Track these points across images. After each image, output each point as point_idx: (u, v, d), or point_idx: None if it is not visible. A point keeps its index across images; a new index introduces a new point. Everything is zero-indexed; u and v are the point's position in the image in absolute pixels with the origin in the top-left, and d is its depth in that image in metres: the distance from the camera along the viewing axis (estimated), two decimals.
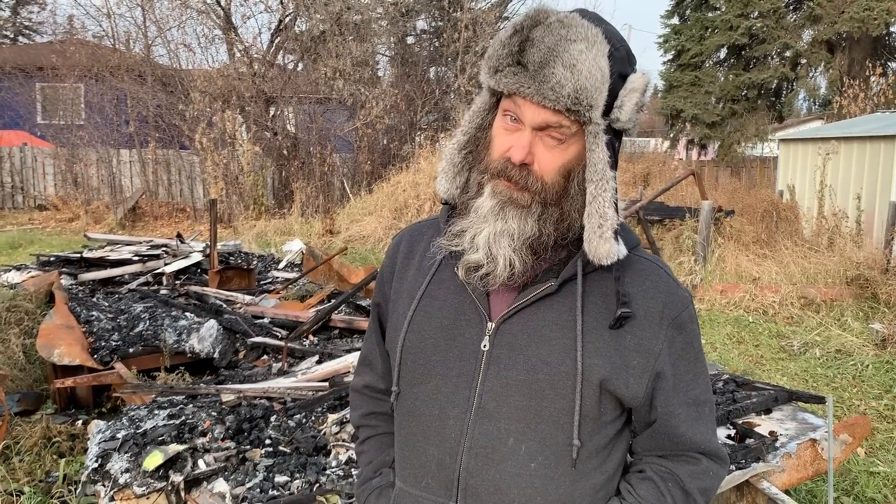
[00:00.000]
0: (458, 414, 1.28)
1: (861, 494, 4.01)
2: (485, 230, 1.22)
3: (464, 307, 1.32)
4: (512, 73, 1.18)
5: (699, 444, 1.32)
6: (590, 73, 1.14)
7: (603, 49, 1.15)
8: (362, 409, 1.59)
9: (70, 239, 13.48)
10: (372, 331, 1.56)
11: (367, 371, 1.59)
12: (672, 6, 24.64)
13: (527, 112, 1.19)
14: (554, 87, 1.14)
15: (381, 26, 18.86)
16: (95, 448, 3.02)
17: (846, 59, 20.24)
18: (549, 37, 1.15)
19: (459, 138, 1.34)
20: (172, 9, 17.90)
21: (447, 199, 1.36)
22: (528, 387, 1.24)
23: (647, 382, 1.26)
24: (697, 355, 1.32)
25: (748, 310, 8.12)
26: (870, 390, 5.74)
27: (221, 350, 4.85)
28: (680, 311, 1.28)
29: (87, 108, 18.68)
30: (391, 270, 1.47)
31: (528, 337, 1.26)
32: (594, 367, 1.22)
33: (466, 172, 1.33)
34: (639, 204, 9.86)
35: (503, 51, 1.19)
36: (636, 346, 1.25)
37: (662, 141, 27.21)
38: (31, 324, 5.43)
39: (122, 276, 7.00)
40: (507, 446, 1.25)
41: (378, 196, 14.62)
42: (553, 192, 1.22)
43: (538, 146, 1.21)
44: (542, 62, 1.14)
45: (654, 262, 1.33)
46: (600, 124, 1.19)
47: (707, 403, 1.34)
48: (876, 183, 10.59)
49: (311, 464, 2.90)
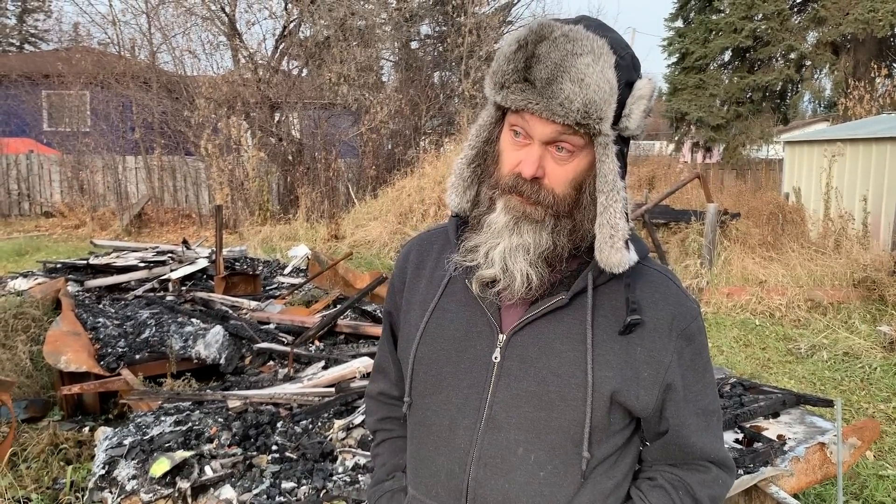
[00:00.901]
0: (469, 424, 1.30)
1: (870, 498, 3.98)
2: (500, 245, 1.23)
3: (475, 319, 1.33)
4: (519, 90, 1.18)
5: (708, 453, 1.33)
6: (598, 87, 1.14)
7: (609, 60, 1.15)
8: (378, 415, 1.62)
9: (76, 246, 13.52)
10: (385, 339, 1.58)
11: (381, 378, 1.61)
12: (676, 9, 24.62)
13: (536, 127, 1.19)
14: (563, 102, 1.14)
15: (385, 31, 18.90)
16: (102, 455, 3.02)
17: (851, 61, 20.19)
18: (555, 52, 1.15)
19: (468, 152, 1.35)
20: (177, 16, 17.99)
21: (458, 213, 1.36)
22: (538, 398, 1.25)
23: (657, 394, 1.28)
24: (706, 366, 1.34)
25: (755, 313, 8.10)
26: (878, 393, 5.71)
27: (227, 356, 4.86)
28: (689, 323, 1.30)
29: (93, 115, 18.76)
30: (402, 280, 1.48)
31: (539, 349, 1.27)
32: (605, 380, 1.23)
33: (476, 185, 1.33)
34: (644, 207, 9.84)
35: (508, 67, 1.19)
36: (646, 358, 1.26)
37: (667, 144, 27.17)
38: (38, 331, 5.43)
39: (129, 282, 7.01)
40: (516, 456, 1.26)
41: (383, 201, 14.63)
42: (565, 205, 1.23)
43: (548, 160, 1.21)
44: (550, 78, 1.14)
45: (664, 274, 1.34)
46: (610, 135, 1.19)
47: (715, 413, 1.36)
48: (882, 184, 10.56)
49: (318, 470, 2.90)
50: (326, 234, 13.70)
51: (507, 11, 20.48)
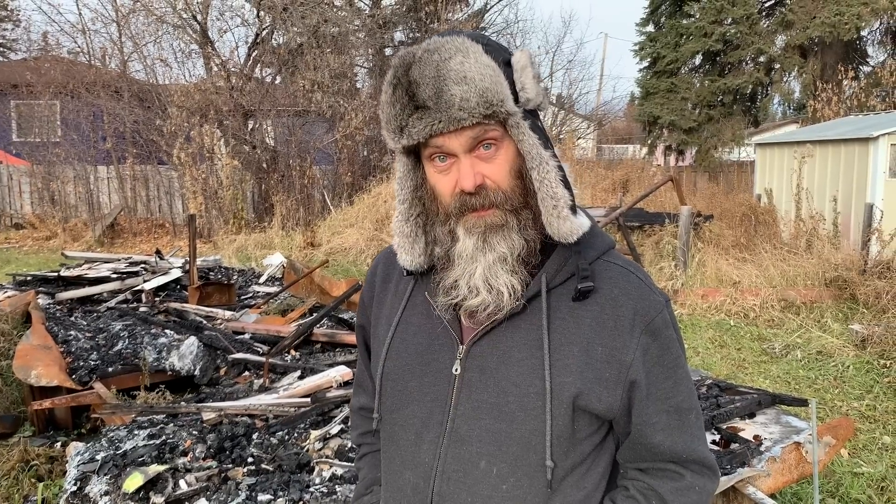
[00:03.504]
0: (433, 438, 1.29)
1: (846, 496, 4.03)
2: (478, 269, 1.21)
3: (437, 332, 1.32)
4: (418, 120, 1.17)
5: (679, 453, 1.29)
6: (482, 74, 1.14)
7: (477, 48, 1.16)
8: (360, 429, 1.63)
9: (48, 257, 13.33)
10: (361, 354, 1.59)
11: (361, 392, 1.62)
12: (647, 14, 24.85)
13: (452, 142, 1.18)
14: (461, 105, 1.14)
15: (358, 38, 18.87)
16: (74, 471, 2.97)
17: (819, 64, 20.49)
18: (427, 69, 1.15)
19: (400, 208, 1.34)
20: (148, 24, 17.81)
21: (415, 270, 1.34)
22: (498, 409, 1.24)
23: (621, 394, 1.24)
24: (676, 361, 1.28)
25: (729, 313, 8.17)
26: (851, 391, 5.79)
27: (202, 367, 4.80)
28: (653, 317, 1.25)
29: (64, 124, 18.51)
30: (370, 295, 1.49)
31: (497, 359, 1.26)
32: (564, 385, 1.21)
33: (423, 237, 1.33)
34: (618, 211, 9.91)
35: (396, 108, 1.19)
36: (607, 357, 1.23)
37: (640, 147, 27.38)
38: (8, 345, 5.34)
39: (101, 294, 6.90)
40: (478, 469, 1.25)
41: (359, 207, 14.59)
42: (516, 196, 1.22)
43: (479, 164, 1.20)
44: (437, 92, 1.14)
45: (625, 267, 1.30)
46: (517, 112, 1.19)
47: (691, 411, 1.30)
48: (851, 185, 10.72)
49: (295, 481, 2.86)
50: (302, 242, 13.63)
51: (481, 18, 20.59)
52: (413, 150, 1.27)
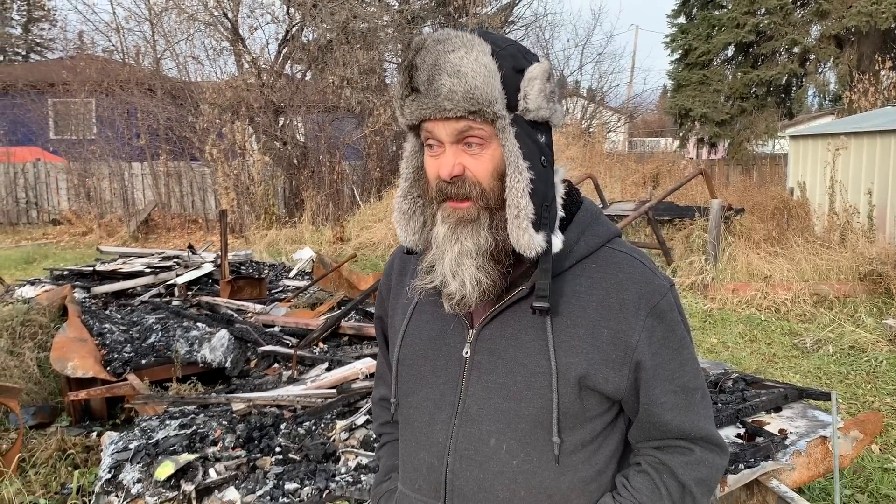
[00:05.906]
0: (445, 419, 1.35)
1: (875, 491, 3.98)
2: (446, 256, 1.25)
3: (449, 318, 1.37)
4: (411, 101, 1.22)
5: (687, 431, 1.33)
6: (475, 73, 1.17)
7: (483, 49, 1.19)
8: (380, 420, 1.68)
9: (83, 252, 13.61)
10: (380, 345, 1.64)
11: (381, 384, 1.67)
12: (678, 5, 24.57)
13: (438, 130, 1.22)
14: (448, 96, 1.17)
15: (387, 34, 18.92)
16: (108, 459, 3.05)
17: (855, 54, 20.11)
18: (429, 56, 1.19)
19: (402, 185, 1.38)
20: (180, 22, 18.04)
21: (411, 247, 1.38)
22: (507, 389, 1.29)
23: (627, 374, 1.29)
24: (682, 342, 1.33)
25: (760, 308, 8.09)
26: (884, 386, 5.70)
27: (233, 359, 4.89)
28: (658, 300, 1.30)
29: (99, 122, 18.88)
30: (387, 287, 1.56)
31: (505, 341, 1.31)
32: (570, 365, 1.26)
33: (420, 217, 1.37)
34: (648, 204, 9.83)
35: (400, 88, 1.24)
36: (613, 339, 1.27)
37: (672, 140, 27.12)
38: (45, 337, 5.48)
39: (135, 288, 7.05)
40: (488, 447, 1.31)
41: (388, 202, 14.68)
42: (494, 197, 1.25)
43: (465, 158, 1.23)
44: (430, 79, 1.19)
45: (629, 254, 1.35)
46: (506, 118, 1.21)
47: (698, 390, 1.35)
48: (887, 177, 10.52)
49: (321, 471, 2.92)
50: (332, 237, 13.75)
51: (509, 11, 20.51)
52: (417, 131, 1.32)
